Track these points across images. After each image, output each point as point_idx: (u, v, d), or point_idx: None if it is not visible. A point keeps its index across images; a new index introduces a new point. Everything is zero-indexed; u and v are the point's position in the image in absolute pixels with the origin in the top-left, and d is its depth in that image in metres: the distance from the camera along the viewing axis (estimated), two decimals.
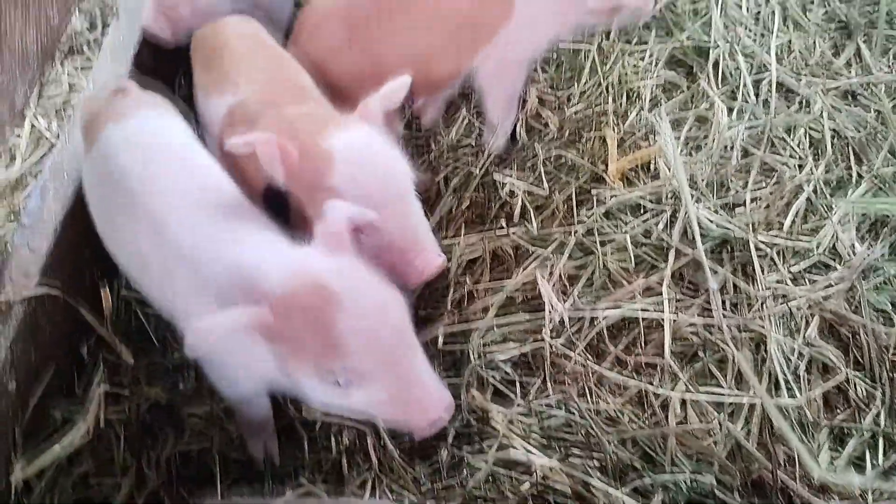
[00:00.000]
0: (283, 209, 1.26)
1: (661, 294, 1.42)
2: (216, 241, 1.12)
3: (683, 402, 1.32)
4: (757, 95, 1.77)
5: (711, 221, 1.52)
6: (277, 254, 1.08)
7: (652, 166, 1.64)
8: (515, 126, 1.73)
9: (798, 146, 1.72)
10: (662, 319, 1.38)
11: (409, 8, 1.51)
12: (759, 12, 1.98)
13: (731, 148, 1.63)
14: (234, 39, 1.47)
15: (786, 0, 2.02)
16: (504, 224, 1.56)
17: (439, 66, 1.56)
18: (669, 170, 1.55)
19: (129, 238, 1.21)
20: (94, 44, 2.30)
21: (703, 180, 1.58)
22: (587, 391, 1.35)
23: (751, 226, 1.51)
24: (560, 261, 1.48)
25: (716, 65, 1.82)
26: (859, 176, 1.67)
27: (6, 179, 1.85)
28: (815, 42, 1.95)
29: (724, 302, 1.42)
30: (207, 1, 1.60)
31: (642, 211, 1.58)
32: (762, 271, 1.46)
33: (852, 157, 1.70)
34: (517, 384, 1.38)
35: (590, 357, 1.38)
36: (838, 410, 1.35)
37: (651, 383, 1.34)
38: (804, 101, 1.80)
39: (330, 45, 1.52)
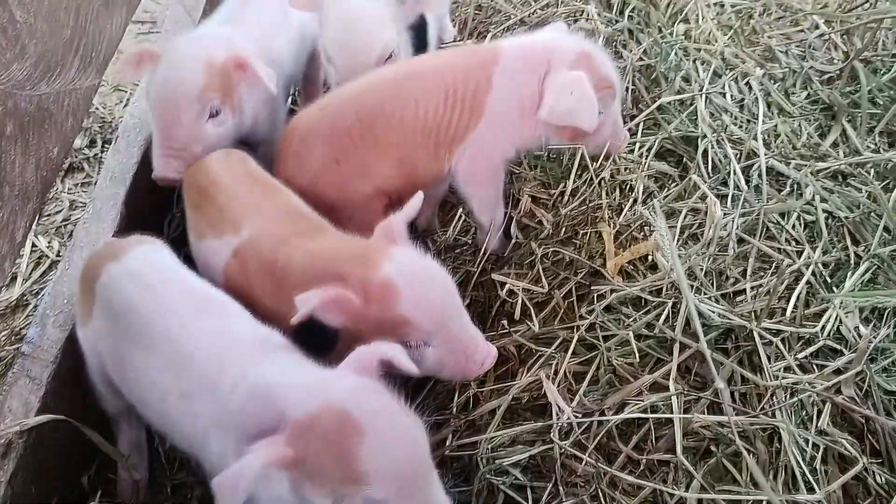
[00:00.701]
0: (318, 334, 1.25)
1: (668, 389, 1.40)
2: (236, 364, 1.13)
3: (700, 502, 1.28)
4: (748, 182, 1.79)
5: (713, 312, 1.52)
6: (299, 376, 1.08)
7: (650, 257, 1.65)
8: (510, 225, 1.75)
9: (793, 228, 1.73)
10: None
11: (388, 117, 1.57)
12: (742, 99, 2.02)
13: (728, 235, 1.63)
14: (223, 176, 1.52)
15: (769, 85, 2.07)
16: (506, 324, 1.56)
17: (422, 168, 1.63)
18: (667, 262, 1.55)
19: (142, 370, 1.21)
20: (94, 160, 2.35)
21: (701, 269, 1.58)
22: (600, 494, 1.32)
23: (753, 314, 1.50)
24: (564, 359, 1.47)
25: (705, 154, 1.84)
26: (857, 257, 1.67)
27: (6, 300, 1.86)
28: (800, 125, 1.98)
29: (732, 394, 1.40)
30: (217, 133, 1.62)
31: (643, 304, 1.58)
32: (768, 360, 1.44)
33: (848, 238, 1.71)
34: (528, 489, 1.35)
35: (600, 458, 1.36)
36: (859, 501, 1.31)
37: (665, 482, 1.31)
38: (795, 185, 1.81)
39: (317, 166, 1.56)
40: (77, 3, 1.36)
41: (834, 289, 1.60)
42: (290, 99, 2.18)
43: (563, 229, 1.72)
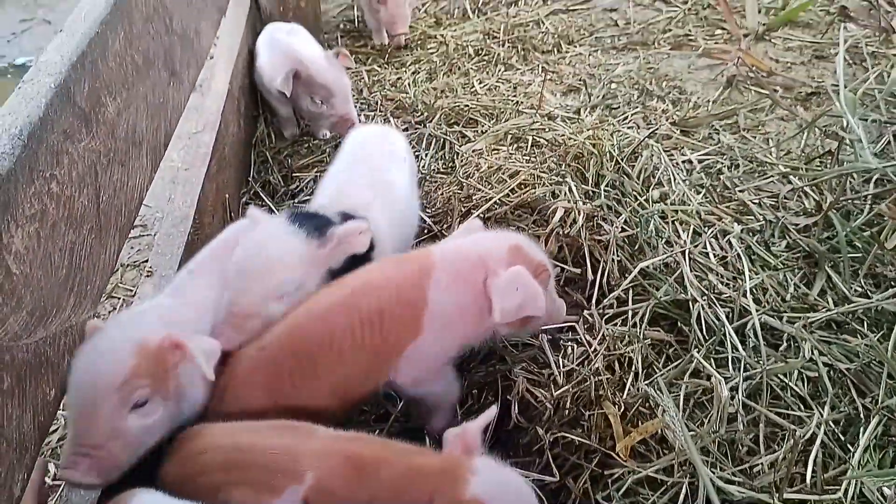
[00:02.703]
0: None
1: None
2: None
3: None
4: (744, 342, 1.79)
5: (732, 484, 1.48)
6: None
7: (660, 432, 1.62)
8: (510, 408, 1.73)
9: (796, 384, 1.72)
10: None
11: (327, 350, 1.55)
12: (724, 257, 2.06)
13: (736, 410, 1.62)
14: (238, 436, 1.44)
15: (748, 239, 2.12)
16: None
17: (358, 389, 1.63)
18: (678, 440, 1.53)
19: None
20: None
21: (713, 443, 1.56)
22: None
23: (773, 486, 1.47)
24: None
25: (698, 318, 1.85)
26: (866, 409, 1.66)
27: None
28: (786, 277, 2.01)
29: None
30: (142, 427, 1.43)
31: (659, 483, 1.54)
32: None
33: (854, 391, 1.69)
34: None
35: None
36: None
37: None
38: (791, 339, 1.82)
39: (254, 408, 1.53)
40: (71, 243, 1.39)
41: (849, 447, 1.57)
42: None
43: (567, 411, 1.70)
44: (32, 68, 1.45)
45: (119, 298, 2.52)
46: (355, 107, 2.85)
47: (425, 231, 2.38)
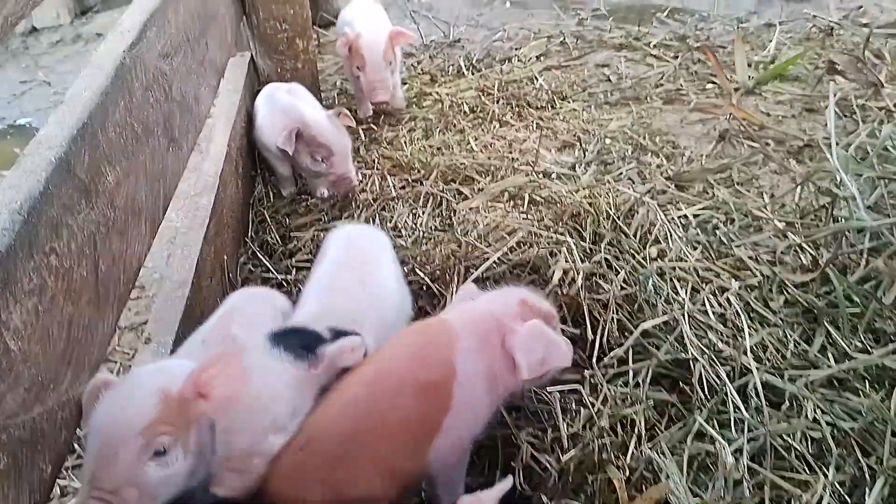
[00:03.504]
0: None
1: None
2: None
3: None
4: (746, 402, 1.78)
5: None
6: None
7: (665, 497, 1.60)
8: (515, 476, 1.71)
9: (800, 444, 1.71)
10: None
11: (370, 433, 1.53)
12: (723, 314, 2.06)
13: (742, 474, 1.60)
14: None
15: (746, 296, 2.13)
16: None
17: (410, 471, 1.60)
18: None
19: None
20: None
21: None
22: None
23: None
24: None
25: (699, 377, 1.85)
26: (871, 469, 1.64)
27: None
28: (785, 333, 2.01)
29: None
30: (159, 477, 1.37)
31: None
32: None
33: (858, 451, 1.68)
34: None
35: None
36: None
37: None
38: (794, 398, 1.81)
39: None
40: (69, 316, 1.38)
41: None
42: None
43: (571, 477, 1.68)
44: (33, 141, 1.46)
45: (116, 362, 2.51)
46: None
47: (424, 288, 2.38)
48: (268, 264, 2.60)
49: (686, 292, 2.12)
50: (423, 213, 2.74)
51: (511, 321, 1.64)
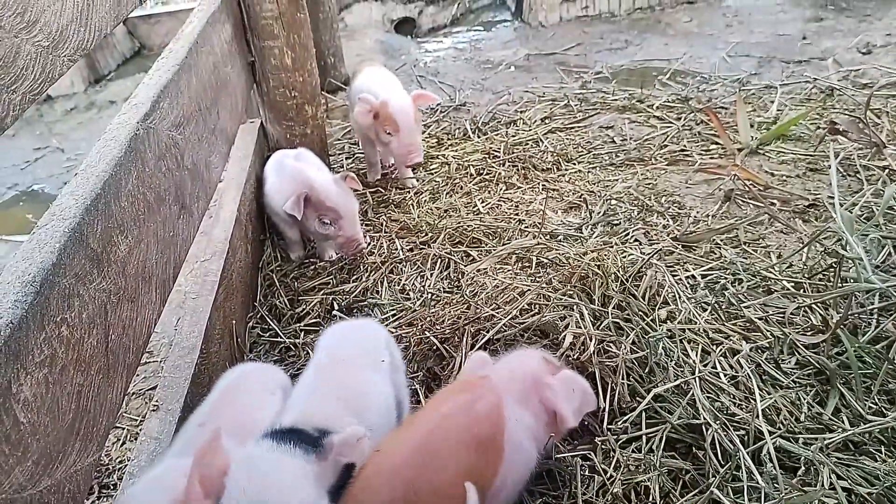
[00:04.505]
0: None
1: None
2: None
3: None
4: (761, 468, 1.75)
5: None
6: None
7: None
8: None
9: None
10: None
11: (432, 485, 1.51)
12: (735, 377, 2.04)
13: None
14: None
15: (758, 357, 2.11)
16: None
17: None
18: None
19: None
20: None
21: None
22: None
23: None
24: None
25: (712, 442, 1.82)
26: None
27: None
28: (798, 395, 1.99)
29: None
30: None
31: None
32: None
33: None
34: None
35: None
36: None
37: None
38: (809, 462, 1.78)
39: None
40: (79, 386, 1.38)
41: None
42: None
43: None
44: (47, 213, 1.48)
45: (123, 429, 2.49)
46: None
47: (433, 349, 2.37)
48: (276, 328, 2.60)
49: (696, 355, 2.11)
50: (431, 275, 2.75)
51: (543, 375, 1.73)
